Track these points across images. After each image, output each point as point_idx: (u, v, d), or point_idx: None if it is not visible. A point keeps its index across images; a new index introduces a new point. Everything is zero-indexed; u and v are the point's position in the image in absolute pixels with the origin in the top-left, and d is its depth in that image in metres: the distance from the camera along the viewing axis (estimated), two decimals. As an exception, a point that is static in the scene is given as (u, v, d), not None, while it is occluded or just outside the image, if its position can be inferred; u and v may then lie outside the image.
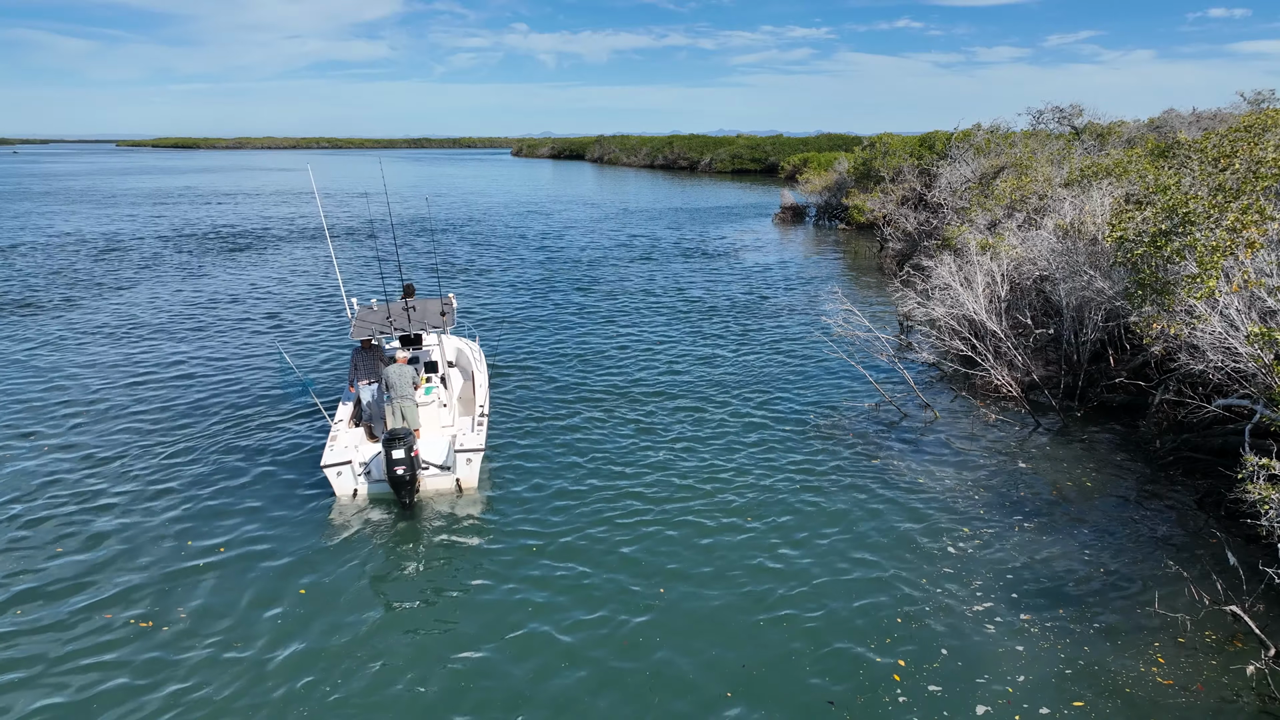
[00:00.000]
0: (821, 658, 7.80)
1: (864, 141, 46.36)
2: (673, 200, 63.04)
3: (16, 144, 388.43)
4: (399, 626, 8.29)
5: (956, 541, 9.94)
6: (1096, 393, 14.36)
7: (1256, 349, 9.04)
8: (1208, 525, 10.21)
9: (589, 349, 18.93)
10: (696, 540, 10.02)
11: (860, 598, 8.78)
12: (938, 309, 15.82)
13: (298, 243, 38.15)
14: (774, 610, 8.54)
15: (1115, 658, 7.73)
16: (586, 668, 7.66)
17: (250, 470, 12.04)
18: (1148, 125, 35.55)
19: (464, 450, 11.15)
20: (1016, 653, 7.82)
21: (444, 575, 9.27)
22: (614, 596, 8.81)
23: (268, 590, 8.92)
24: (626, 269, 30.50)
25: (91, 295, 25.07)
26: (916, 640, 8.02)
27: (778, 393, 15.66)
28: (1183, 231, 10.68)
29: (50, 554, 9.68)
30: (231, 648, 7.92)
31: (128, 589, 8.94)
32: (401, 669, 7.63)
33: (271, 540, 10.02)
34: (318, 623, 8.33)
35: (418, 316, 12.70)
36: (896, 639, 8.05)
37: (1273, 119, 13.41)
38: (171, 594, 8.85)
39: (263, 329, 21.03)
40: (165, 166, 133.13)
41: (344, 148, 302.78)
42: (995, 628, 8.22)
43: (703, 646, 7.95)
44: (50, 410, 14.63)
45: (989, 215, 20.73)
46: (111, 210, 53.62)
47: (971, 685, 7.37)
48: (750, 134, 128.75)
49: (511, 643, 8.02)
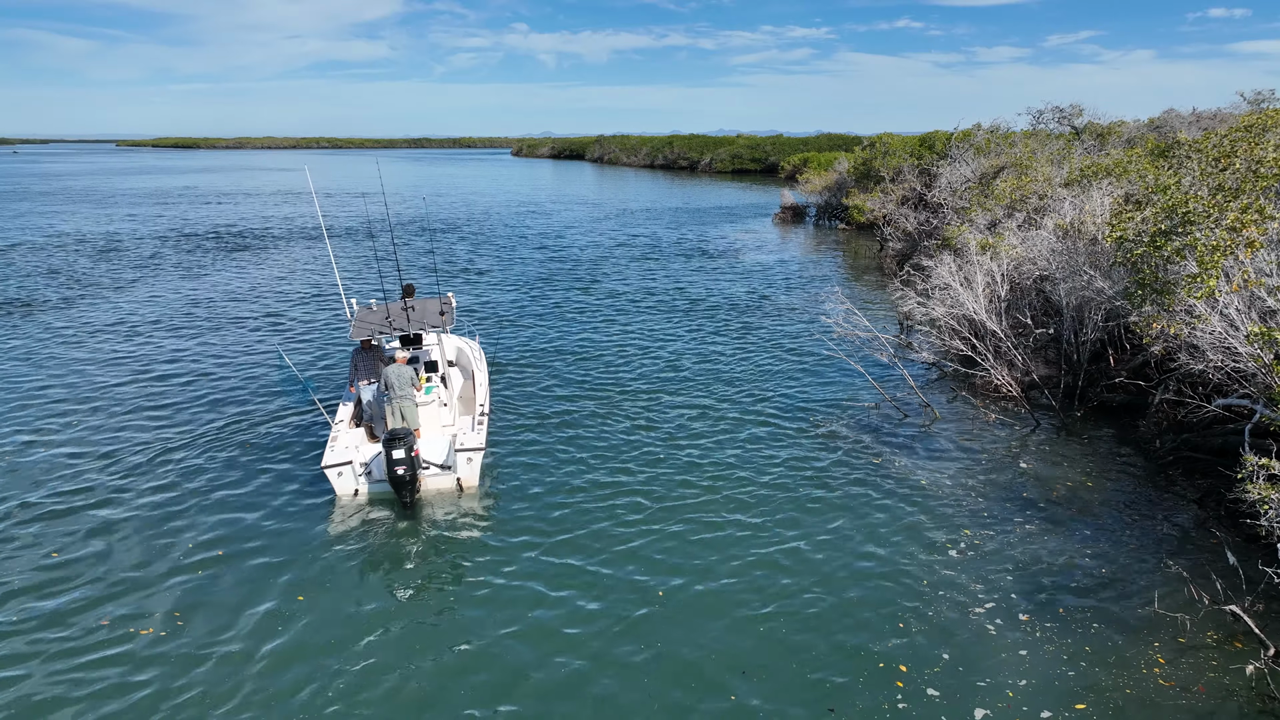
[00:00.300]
0: (820, 657, 7.79)
1: (864, 141, 46.36)
2: (673, 200, 63.04)
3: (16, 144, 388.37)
4: (400, 625, 8.29)
5: (956, 542, 9.94)
6: (1096, 392, 14.36)
7: (1256, 348, 9.04)
8: (1207, 525, 10.21)
9: (589, 348, 18.92)
10: (696, 538, 10.02)
11: (859, 597, 8.78)
12: (938, 309, 15.82)
13: (297, 243, 38.15)
14: (773, 610, 8.53)
15: (1115, 658, 7.73)
16: (587, 665, 7.65)
17: (250, 470, 12.04)
18: (1148, 125, 35.54)
19: (465, 449, 11.16)
20: (1017, 654, 7.82)
21: (445, 573, 9.27)
22: (615, 593, 8.80)
23: (266, 591, 8.92)
24: (626, 268, 30.49)
25: (90, 294, 25.07)
26: (916, 642, 8.02)
27: (777, 391, 15.65)
28: (1183, 231, 10.67)
29: (46, 551, 9.68)
30: (230, 647, 7.91)
31: (124, 587, 8.93)
32: (402, 666, 7.62)
33: (271, 541, 10.02)
34: (317, 622, 8.33)
35: (417, 316, 12.71)
36: (896, 640, 8.05)
37: (1273, 119, 13.41)
38: (169, 593, 8.85)
39: (262, 329, 21.02)
40: (165, 166, 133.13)
41: (344, 148, 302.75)
42: (995, 628, 8.22)
43: (703, 646, 7.94)
44: (49, 407, 14.63)
45: (989, 215, 20.72)
46: (111, 210, 53.62)
47: (972, 688, 7.37)
48: (750, 134, 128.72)
49: (512, 640, 8.02)
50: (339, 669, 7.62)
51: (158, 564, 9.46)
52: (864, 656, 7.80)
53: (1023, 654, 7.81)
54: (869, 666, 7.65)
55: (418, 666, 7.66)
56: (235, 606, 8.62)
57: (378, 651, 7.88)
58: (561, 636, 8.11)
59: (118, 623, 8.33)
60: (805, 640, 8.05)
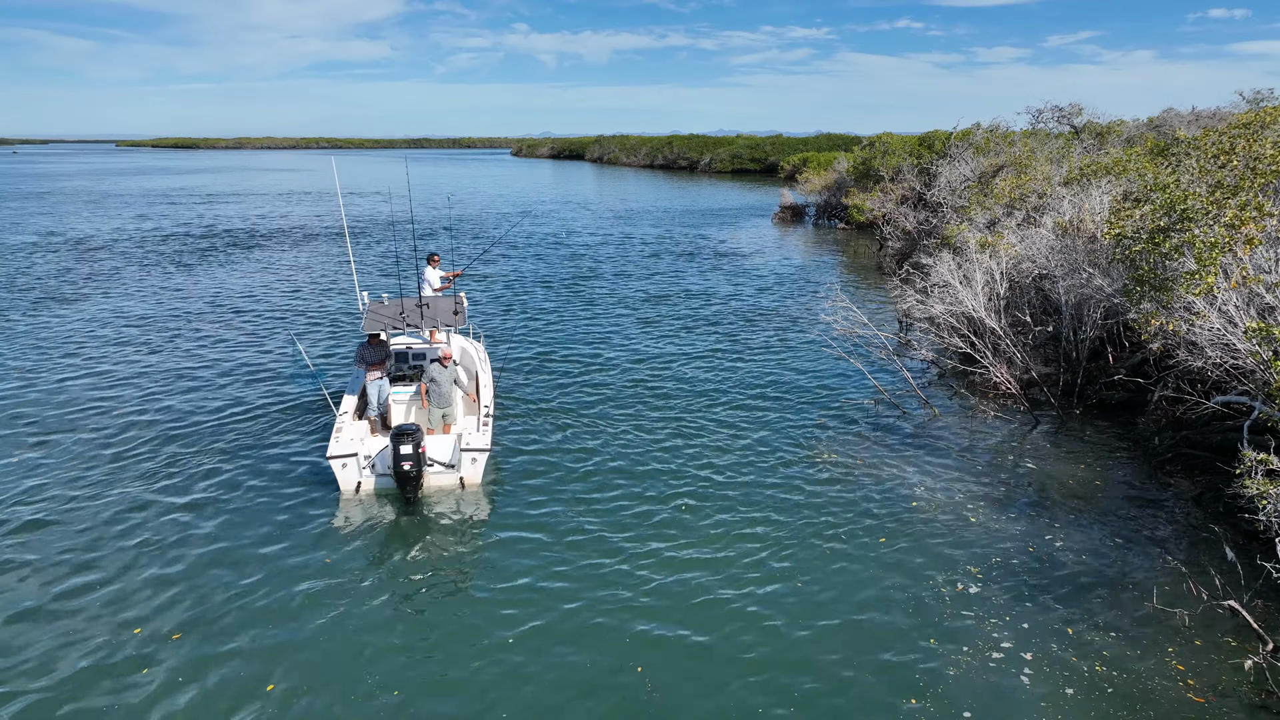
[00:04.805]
0: (819, 658, 7.80)
1: (863, 141, 46.39)
2: (673, 200, 63.07)
3: (16, 144, 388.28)
4: (400, 621, 8.28)
5: (955, 540, 9.95)
6: (1095, 390, 14.38)
7: (1255, 345, 9.05)
8: (1206, 521, 10.22)
9: (589, 347, 18.94)
10: (697, 536, 10.03)
11: (858, 596, 8.79)
12: (937, 307, 15.84)
13: (301, 239, 38.13)
14: (771, 608, 8.54)
15: (1113, 653, 7.74)
16: (588, 663, 7.66)
17: (254, 458, 12.06)
18: (1147, 124, 35.53)
19: (469, 449, 11.18)
20: (1015, 652, 7.83)
21: (446, 570, 9.28)
22: (615, 592, 8.81)
23: (265, 582, 8.91)
24: (627, 268, 30.51)
25: (94, 290, 25.07)
26: (911, 636, 8.03)
27: (777, 389, 15.67)
28: (1181, 228, 10.69)
29: (43, 539, 9.67)
30: (229, 639, 7.91)
31: (122, 579, 8.92)
32: (401, 662, 7.63)
33: (272, 531, 10.01)
34: (316, 615, 8.33)
35: (430, 313, 12.76)
36: (894, 640, 8.06)
37: (1271, 116, 13.41)
38: (170, 584, 8.84)
39: (275, 321, 21.16)
40: (166, 166, 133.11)
41: (343, 147, 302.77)
42: (993, 626, 8.23)
43: (703, 644, 7.96)
44: (54, 393, 14.64)
45: (988, 214, 20.74)
46: (112, 210, 53.61)
47: (972, 690, 7.38)
48: (750, 134, 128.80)
49: (513, 637, 8.02)
50: (335, 661, 7.61)
51: (157, 552, 9.44)
52: (862, 651, 7.81)
53: (1019, 651, 7.81)
54: (869, 664, 7.67)
55: (415, 661, 7.66)
56: (232, 596, 8.60)
57: (374, 646, 7.88)
58: (561, 636, 8.11)
59: (111, 612, 8.31)
60: (802, 632, 8.06)
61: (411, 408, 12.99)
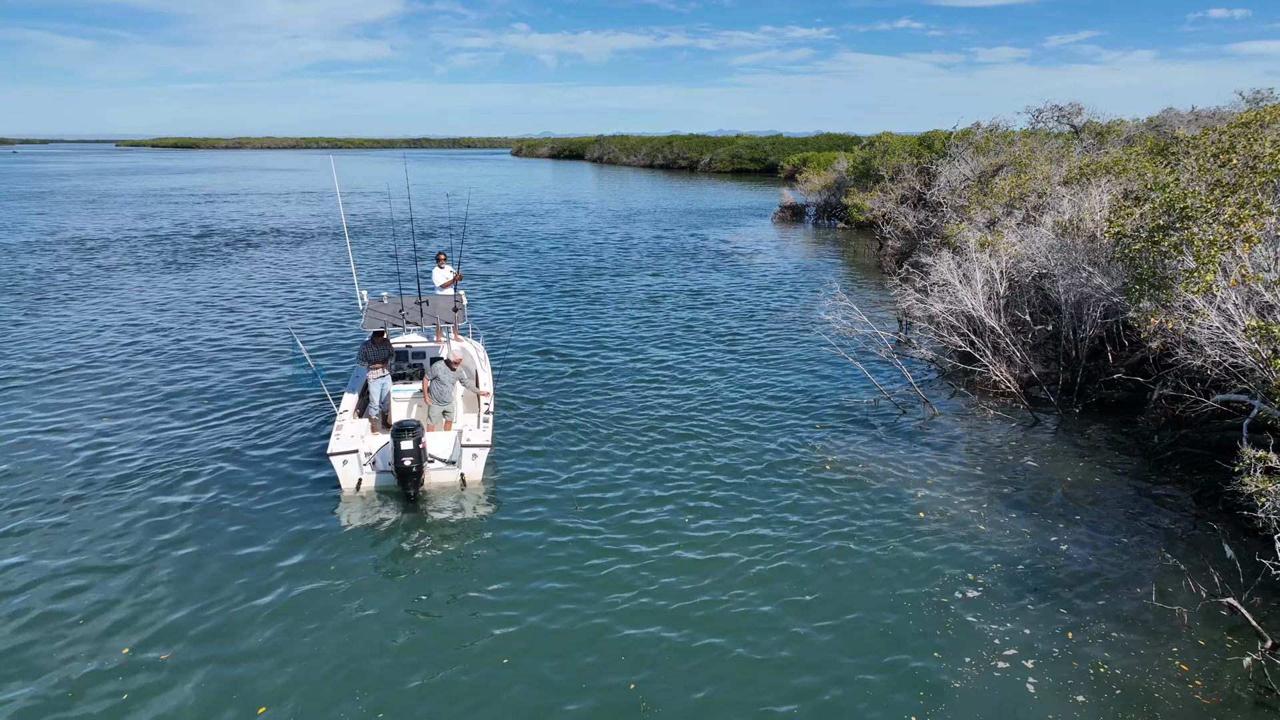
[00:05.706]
0: (818, 658, 7.81)
1: (863, 141, 46.40)
2: (672, 200, 63.07)
3: (16, 144, 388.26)
4: (400, 618, 8.29)
5: (954, 539, 9.96)
6: (1095, 389, 14.39)
7: (1254, 343, 9.06)
8: (1205, 519, 10.23)
9: (589, 346, 18.95)
10: (697, 534, 10.04)
11: (857, 596, 8.79)
12: (936, 306, 15.85)
13: (300, 239, 38.14)
14: (770, 608, 8.55)
15: (1111, 651, 7.75)
16: (588, 662, 7.67)
17: (255, 457, 12.06)
18: (1147, 124, 35.55)
19: (470, 446, 11.20)
20: (1013, 648, 7.84)
21: (446, 567, 9.28)
22: (615, 591, 8.82)
23: (265, 579, 8.91)
24: (627, 267, 30.52)
25: (94, 290, 25.07)
26: (910, 631, 8.04)
27: (777, 389, 15.68)
28: (1180, 226, 10.70)
29: (42, 539, 9.68)
30: (228, 637, 7.92)
31: (121, 577, 8.93)
32: (401, 660, 7.63)
33: (273, 527, 10.02)
34: (316, 612, 8.34)
35: (430, 311, 12.79)
36: (894, 641, 8.06)
37: (1271, 114, 13.43)
38: (168, 582, 8.85)
39: (274, 319, 21.15)
40: (165, 166, 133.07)
41: (343, 147, 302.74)
42: (989, 619, 8.23)
43: (702, 646, 7.97)
44: (60, 388, 14.65)
45: (988, 213, 20.75)
46: (112, 210, 53.62)
47: (975, 696, 7.39)
48: (750, 134, 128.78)
49: (512, 636, 8.03)
50: (335, 658, 7.62)
51: (156, 547, 9.45)
52: (859, 651, 7.82)
53: (1018, 648, 7.83)
54: (866, 664, 7.68)
55: (414, 658, 7.67)
56: (231, 594, 8.61)
57: (374, 644, 7.89)
58: (561, 635, 8.12)
59: (108, 609, 8.32)
60: (800, 630, 8.08)
61: (413, 406, 13.02)
